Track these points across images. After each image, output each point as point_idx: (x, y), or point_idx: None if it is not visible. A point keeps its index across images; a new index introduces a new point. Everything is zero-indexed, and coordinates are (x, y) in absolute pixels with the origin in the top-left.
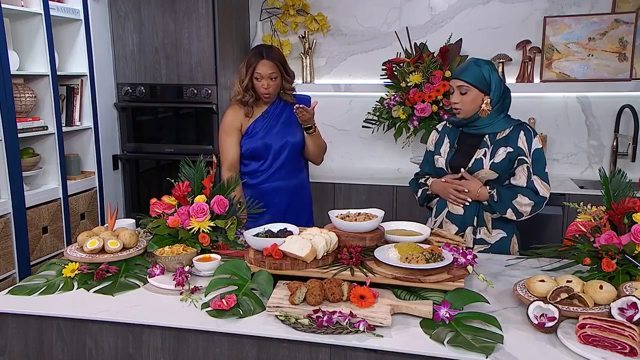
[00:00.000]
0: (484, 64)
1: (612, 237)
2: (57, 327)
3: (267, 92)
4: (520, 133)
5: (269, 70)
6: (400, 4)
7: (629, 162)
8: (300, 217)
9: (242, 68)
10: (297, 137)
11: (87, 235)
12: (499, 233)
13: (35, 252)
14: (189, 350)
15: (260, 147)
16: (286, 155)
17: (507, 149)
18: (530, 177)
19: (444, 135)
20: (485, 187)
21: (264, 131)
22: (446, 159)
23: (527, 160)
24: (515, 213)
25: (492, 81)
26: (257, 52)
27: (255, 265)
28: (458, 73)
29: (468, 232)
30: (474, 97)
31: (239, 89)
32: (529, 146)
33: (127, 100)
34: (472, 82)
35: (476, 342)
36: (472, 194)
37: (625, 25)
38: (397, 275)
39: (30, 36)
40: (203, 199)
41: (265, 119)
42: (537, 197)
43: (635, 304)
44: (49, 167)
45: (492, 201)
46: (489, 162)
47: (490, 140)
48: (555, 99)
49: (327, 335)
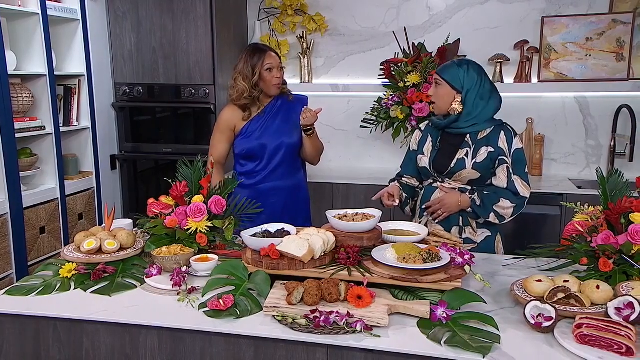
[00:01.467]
0: (465, 64)
1: (609, 237)
2: (54, 327)
3: (279, 82)
4: (500, 133)
5: (278, 61)
6: (398, 4)
7: (626, 162)
8: (298, 217)
9: (246, 66)
10: (293, 138)
11: (85, 235)
12: (484, 232)
13: (33, 253)
14: (186, 350)
15: (255, 148)
16: (282, 155)
17: (488, 149)
18: (511, 177)
19: (427, 135)
20: (466, 194)
21: (260, 131)
22: (429, 158)
23: (507, 160)
24: (497, 217)
25: (466, 82)
26: (257, 48)
27: (252, 265)
28: (439, 68)
29: (454, 232)
30: (445, 93)
31: (244, 87)
32: (509, 146)
33: (125, 100)
34: (446, 78)
35: (473, 342)
36: (453, 207)
37: (622, 26)
38: (394, 276)
39: (28, 36)
40: (200, 199)
41: (262, 118)
42: (517, 199)
43: (631, 303)
44: (47, 167)
45: (474, 206)
46: (472, 161)
47: (472, 140)
48: (553, 99)
49: (325, 335)
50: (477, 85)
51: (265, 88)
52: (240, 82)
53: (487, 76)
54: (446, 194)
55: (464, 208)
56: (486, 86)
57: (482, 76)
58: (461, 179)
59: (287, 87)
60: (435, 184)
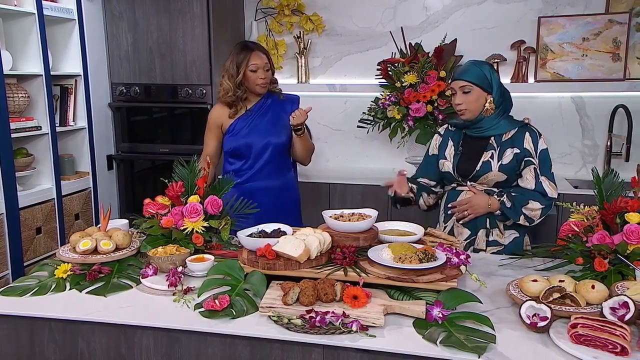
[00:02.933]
0: (484, 64)
1: (604, 237)
2: (49, 328)
3: (265, 82)
4: (526, 134)
5: (264, 61)
6: (395, 4)
7: (622, 161)
8: (287, 218)
9: (231, 65)
10: (281, 137)
11: (80, 235)
12: (511, 234)
13: (29, 253)
14: (181, 351)
15: (242, 146)
16: (269, 155)
17: (514, 150)
18: (538, 178)
19: (448, 139)
20: (495, 197)
21: (247, 129)
22: (453, 162)
23: (534, 161)
24: (527, 219)
25: (494, 81)
26: (244, 46)
27: (248, 265)
28: (460, 74)
29: (481, 235)
30: (477, 96)
31: (229, 85)
32: (535, 147)
33: (122, 100)
34: (475, 81)
35: (469, 342)
36: (482, 209)
37: (618, 26)
38: (390, 276)
39: (24, 36)
40: (197, 199)
41: (249, 117)
42: (546, 200)
43: (626, 303)
44: (43, 167)
45: (504, 208)
46: (497, 164)
47: (497, 142)
48: (550, 99)
49: (320, 335)
50: (498, 83)
51: (250, 87)
52: (225, 81)
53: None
54: (475, 194)
55: (493, 210)
56: (502, 85)
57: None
58: (487, 182)
59: (278, 86)
60: (458, 187)
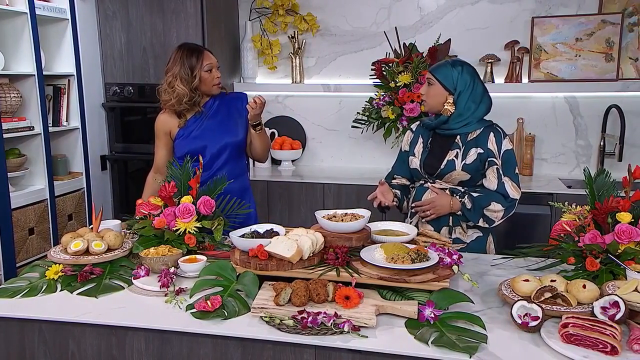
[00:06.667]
0: (459, 66)
1: (596, 237)
2: (40, 330)
3: (220, 81)
4: (490, 134)
5: (215, 60)
6: (389, 4)
7: (615, 161)
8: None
9: (183, 68)
10: (238, 136)
11: (72, 236)
12: (474, 232)
13: (22, 254)
14: (172, 352)
15: (197, 150)
16: (227, 156)
17: (477, 150)
18: (501, 179)
19: (418, 136)
20: (457, 198)
21: (198, 130)
22: (420, 159)
23: (497, 162)
24: (487, 221)
25: (459, 84)
26: (193, 48)
27: (240, 266)
28: (432, 66)
29: (443, 232)
30: (437, 92)
31: (184, 90)
32: (498, 147)
33: (115, 100)
34: (438, 77)
35: (460, 342)
36: (444, 209)
37: (611, 26)
38: (382, 276)
39: (16, 35)
40: (189, 200)
41: (198, 120)
42: (507, 202)
43: (617, 302)
44: (36, 167)
45: (465, 209)
46: (461, 163)
47: (462, 142)
48: (543, 99)
49: (312, 336)
50: (470, 88)
51: (206, 89)
52: (179, 86)
53: (479, 79)
54: (437, 195)
55: (454, 211)
56: (478, 90)
57: (475, 79)
58: (452, 180)
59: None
60: (426, 184)
